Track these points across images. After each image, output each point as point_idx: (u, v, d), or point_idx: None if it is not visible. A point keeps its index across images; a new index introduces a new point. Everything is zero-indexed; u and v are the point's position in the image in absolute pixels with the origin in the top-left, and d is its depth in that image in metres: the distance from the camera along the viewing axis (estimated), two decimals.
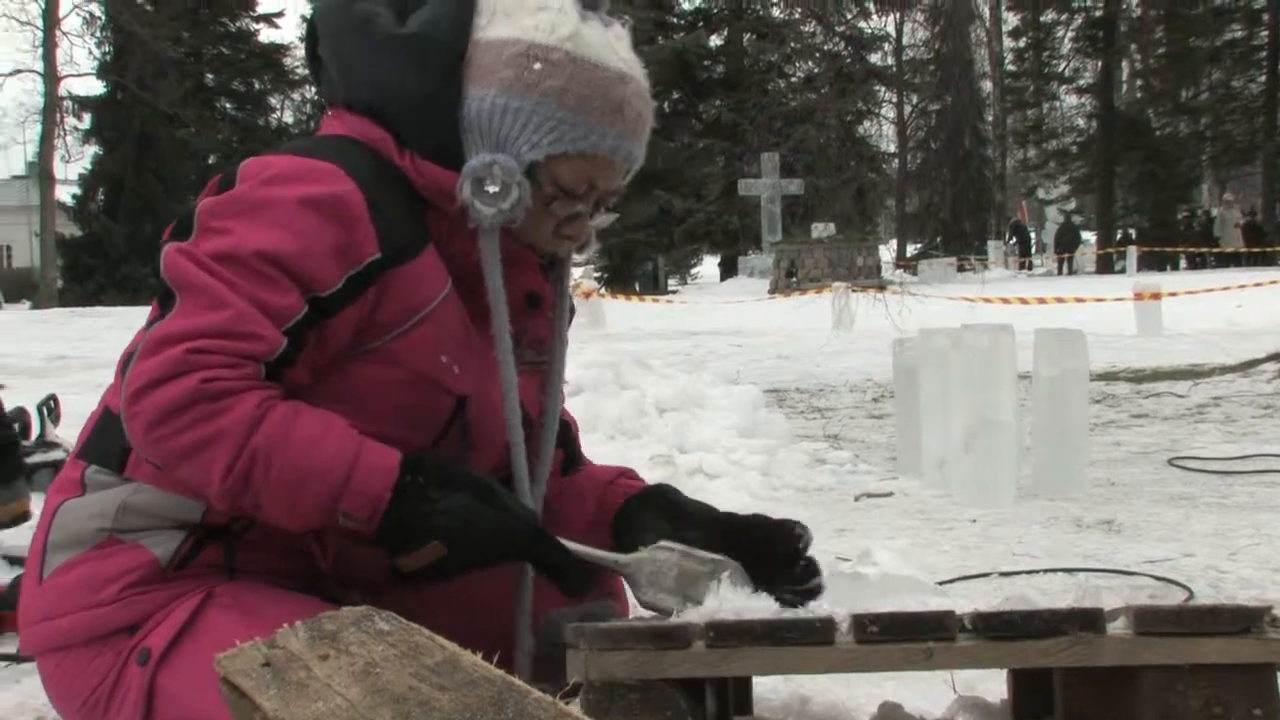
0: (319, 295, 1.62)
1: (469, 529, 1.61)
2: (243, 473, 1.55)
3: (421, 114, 1.74)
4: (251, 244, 1.60)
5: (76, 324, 20.79)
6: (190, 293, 1.59)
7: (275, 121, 48.23)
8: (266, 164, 1.69)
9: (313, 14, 1.89)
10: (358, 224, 1.65)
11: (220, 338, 1.56)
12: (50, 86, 39.00)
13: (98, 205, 42.49)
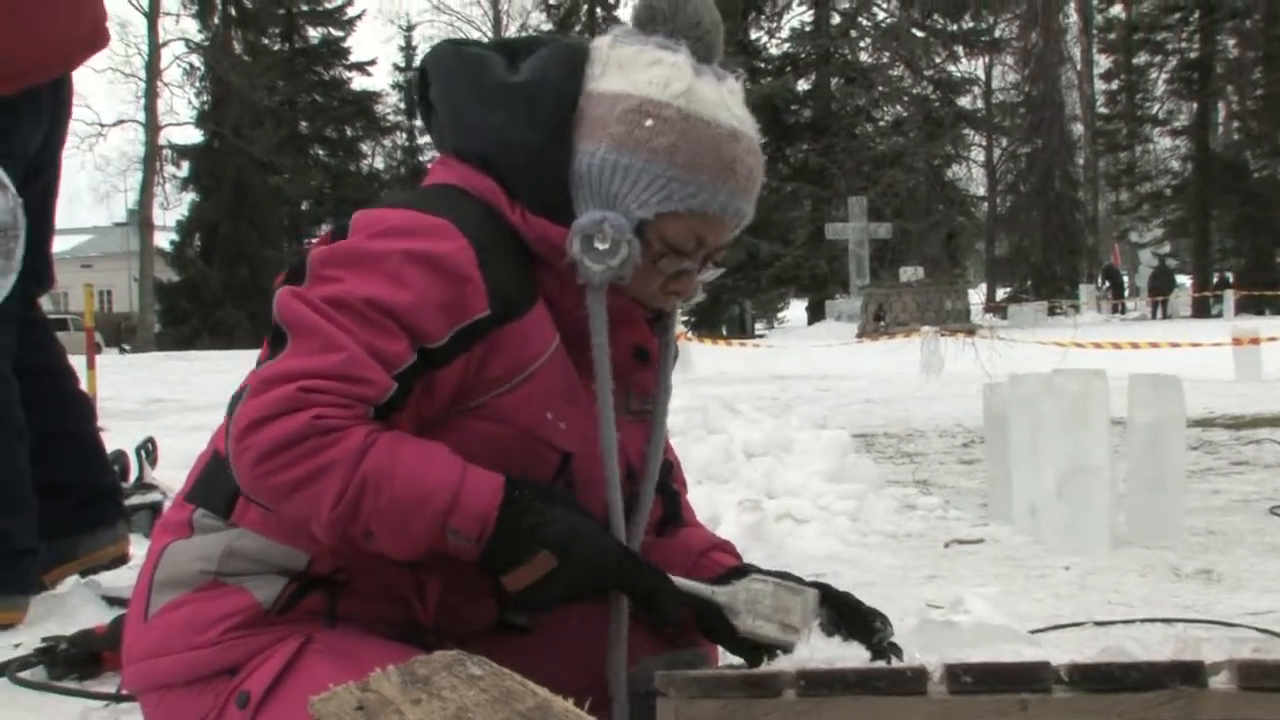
0: (427, 347, 1.63)
1: (576, 541, 1.62)
2: (353, 500, 1.56)
3: (531, 166, 1.74)
4: (363, 292, 1.62)
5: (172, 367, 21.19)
6: (303, 334, 1.61)
7: (366, 167, 48.99)
8: (380, 217, 1.70)
9: (424, 59, 1.89)
10: (467, 282, 1.65)
11: (332, 379, 1.58)
12: (151, 136, 39.98)
13: (194, 251, 43.38)
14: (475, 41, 1.91)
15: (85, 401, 3.32)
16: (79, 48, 3.00)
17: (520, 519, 1.60)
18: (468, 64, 1.82)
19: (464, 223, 1.69)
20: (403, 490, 1.57)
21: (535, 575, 1.61)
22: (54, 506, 3.06)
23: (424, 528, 1.59)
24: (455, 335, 1.65)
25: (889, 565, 4.28)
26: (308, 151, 47.88)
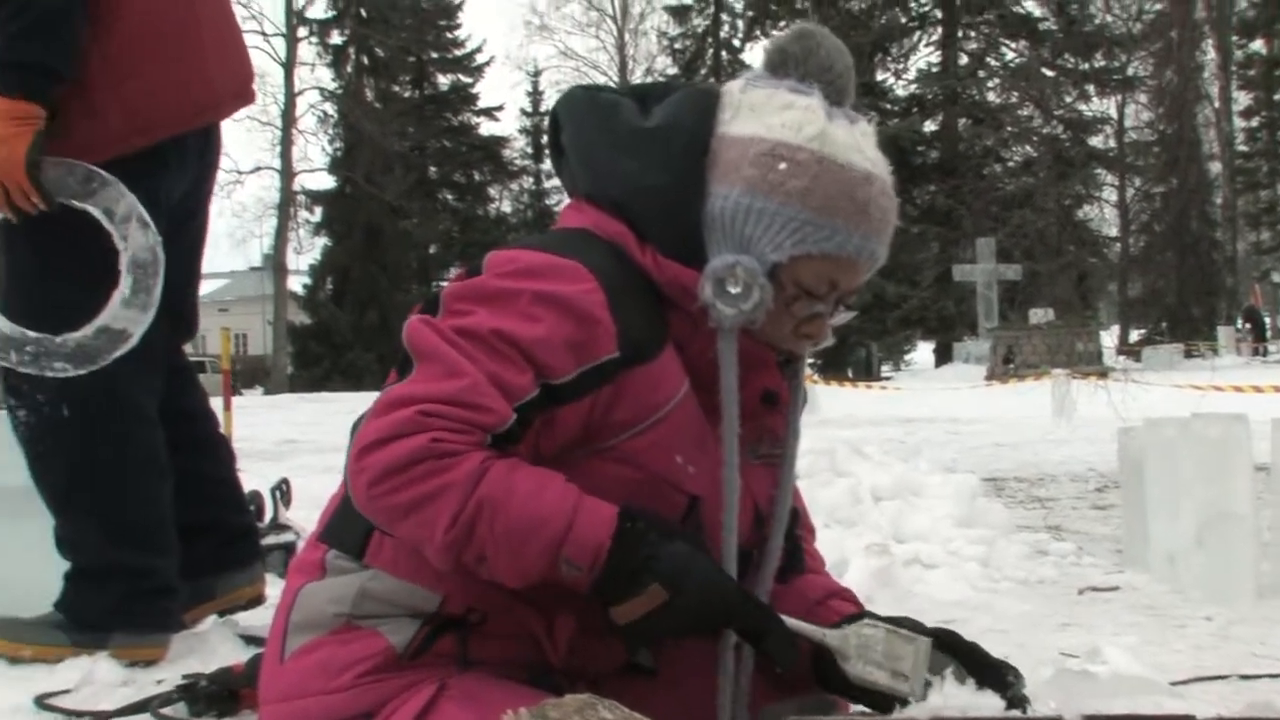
0: (551, 382, 1.64)
1: (689, 574, 1.60)
2: (467, 524, 1.57)
3: (663, 210, 1.75)
4: (491, 324, 1.63)
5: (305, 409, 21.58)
6: (428, 360, 1.63)
7: (494, 211, 49.65)
8: (513, 257, 1.72)
9: (557, 104, 1.91)
10: (597, 324, 1.66)
11: (452, 404, 1.59)
12: (286, 182, 41.01)
13: (326, 294, 44.28)
14: (607, 87, 1.93)
15: (225, 445, 3.39)
16: (226, 99, 3.08)
17: (633, 551, 1.59)
18: (600, 109, 1.84)
19: (595, 265, 1.70)
20: (517, 516, 1.57)
21: (646, 608, 1.60)
22: (195, 547, 3.12)
23: (537, 555, 1.59)
24: (582, 374, 1.65)
25: (1021, 612, 4.19)
26: (436, 196, 48.67)
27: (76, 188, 2.78)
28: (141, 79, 2.84)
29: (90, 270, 2.84)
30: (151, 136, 2.86)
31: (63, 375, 2.82)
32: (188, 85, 2.93)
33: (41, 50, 2.71)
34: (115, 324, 2.82)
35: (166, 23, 2.88)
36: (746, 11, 46.28)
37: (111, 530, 2.93)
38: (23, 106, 2.70)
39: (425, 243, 47.19)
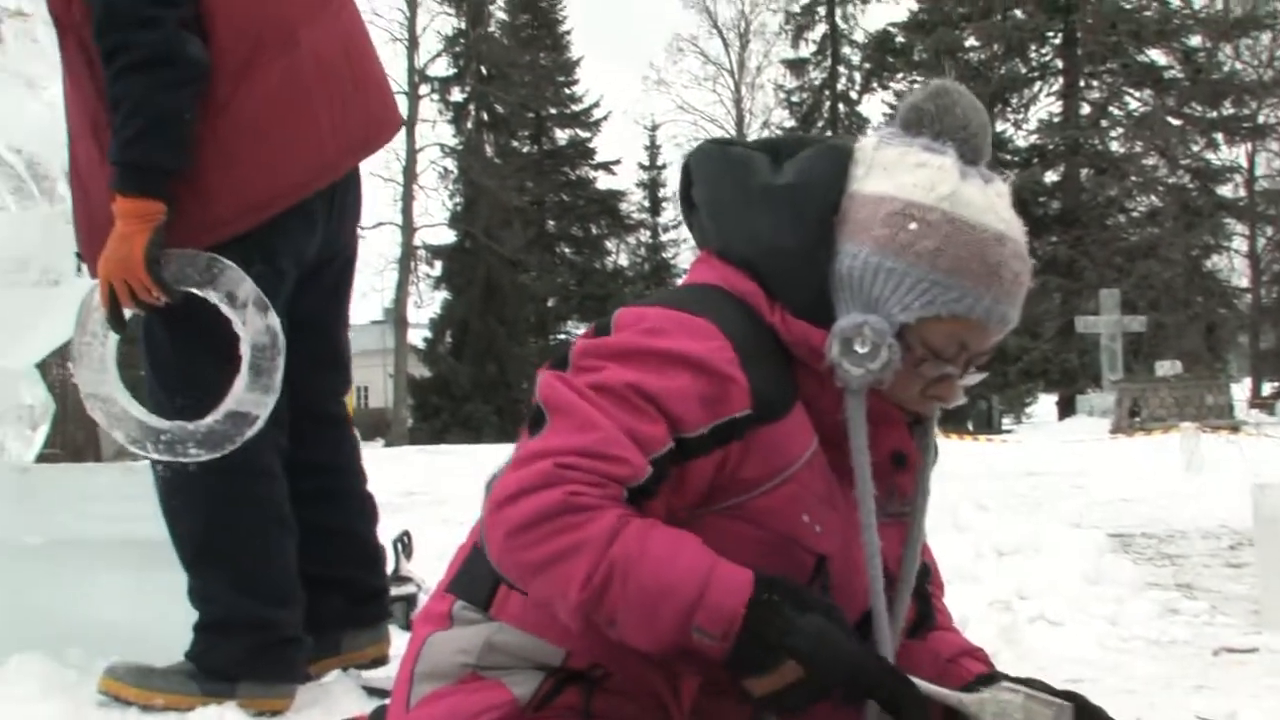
0: (684, 435, 1.64)
1: (825, 650, 1.57)
2: (600, 585, 1.56)
3: (793, 269, 1.75)
4: (624, 378, 1.64)
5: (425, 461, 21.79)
6: (561, 414, 1.64)
7: (611, 264, 49.98)
8: (643, 315, 1.73)
9: (688, 157, 1.92)
10: (729, 380, 1.66)
11: (588, 457, 1.59)
12: (407, 237, 41.75)
13: (445, 348, 44.85)
14: (740, 141, 1.94)
15: (369, 502, 3.40)
16: (351, 153, 3.11)
17: (768, 625, 1.57)
18: (732, 164, 1.84)
19: (725, 323, 1.70)
20: (651, 579, 1.56)
21: (780, 683, 1.59)
22: (325, 600, 3.16)
23: (669, 621, 1.57)
24: (714, 429, 1.65)
25: (1152, 673, 4.06)
26: (555, 250, 49.15)
27: (198, 277, 2.86)
28: (252, 161, 2.90)
29: (220, 354, 2.91)
30: (266, 213, 2.92)
31: (197, 460, 2.90)
32: (301, 159, 2.96)
33: (156, 150, 2.79)
34: (240, 408, 2.89)
35: (278, 105, 2.92)
36: (864, 64, 46.27)
37: (239, 583, 2.99)
38: (141, 204, 2.79)
39: (543, 296, 47.64)
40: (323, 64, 3.02)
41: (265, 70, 2.90)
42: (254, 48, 2.89)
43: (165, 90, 2.77)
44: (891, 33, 43.95)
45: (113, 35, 2.77)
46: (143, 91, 2.75)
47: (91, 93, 2.90)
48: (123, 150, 2.78)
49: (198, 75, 2.80)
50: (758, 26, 49.24)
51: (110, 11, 2.76)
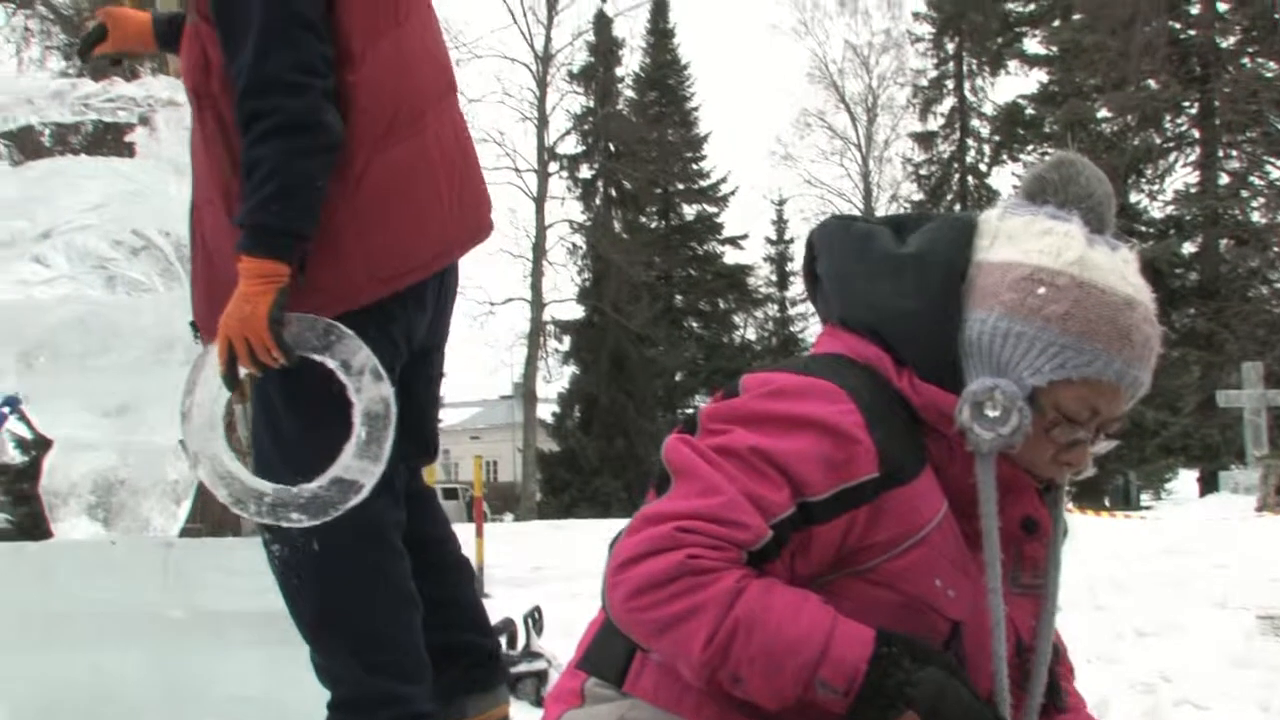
0: (808, 499, 1.64)
1: (944, 703, 1.59)
2: (723, 643, 1.58)
3: (920, 334, 1.76)
4: (748, 441, 1.66)
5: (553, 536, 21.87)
6: (685, 477, 1.66)
7: (738, 339, 49.95)
8: (769, 379, 1.75)
9: (812, 232, 1.96)
10: (856, 443, 1.66)
11: (709, 521, 1.60)
12: (536, 312, 42.19)
13: (574, 422, 45.09)
14: (863, 217, 1.96)
15: (468, 567, 3.46)
16: (464, 241, 3.19)
17: (889, 677, 1.58)
18: (855, 238, 1.86)
19: (851, 387, 1.71)
20: (774, 636, 1.57)
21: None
22: (445, 671, 3.18)
23: (792, 676, 1.58)
24: (839, 493, 1.65)
25: None
26: (682, 324, 49.27)
27: (316, 342, 2.89)
28: (385, 231, 2.96)
29: (330, 422, 2.93)
30: (392, 285, 2.98)
31: (298, 525, 2.91)
32: (427, 235, 3.03)
33: (288, 213, 2.84)
34: (348, 475, 2.90)
35: (409, 177, 2.99)
36: (993, 137, 45.91)
37: (367, 661, 3.00)
38: (268, 266, 2.83)
39: (671, 370, 47.72)
40: (444, 149, 3.10)
41: (398, 147, 2.98)
42: (390, 124, 2.97)
43: (301, 156, 2.83)
44: (1021, 105, 43.62)
45: (256, 100, 2.84)
46: (280, 155, 2.82)
47: (225, 162, 2.97)
48: (254, 212, 2.84)
49: (333, 144, 2.87)
50: (885, 101, 49.17)
51: (257, 77, 2.84)
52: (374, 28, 2.96)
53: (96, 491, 3.97)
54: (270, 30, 2.84)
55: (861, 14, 49.69)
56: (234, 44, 2.88)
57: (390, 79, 2.99)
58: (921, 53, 47.47)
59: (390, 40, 3.00)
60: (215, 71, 2.96)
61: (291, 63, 2.83)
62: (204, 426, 2.99)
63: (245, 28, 2.86)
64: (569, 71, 45.46)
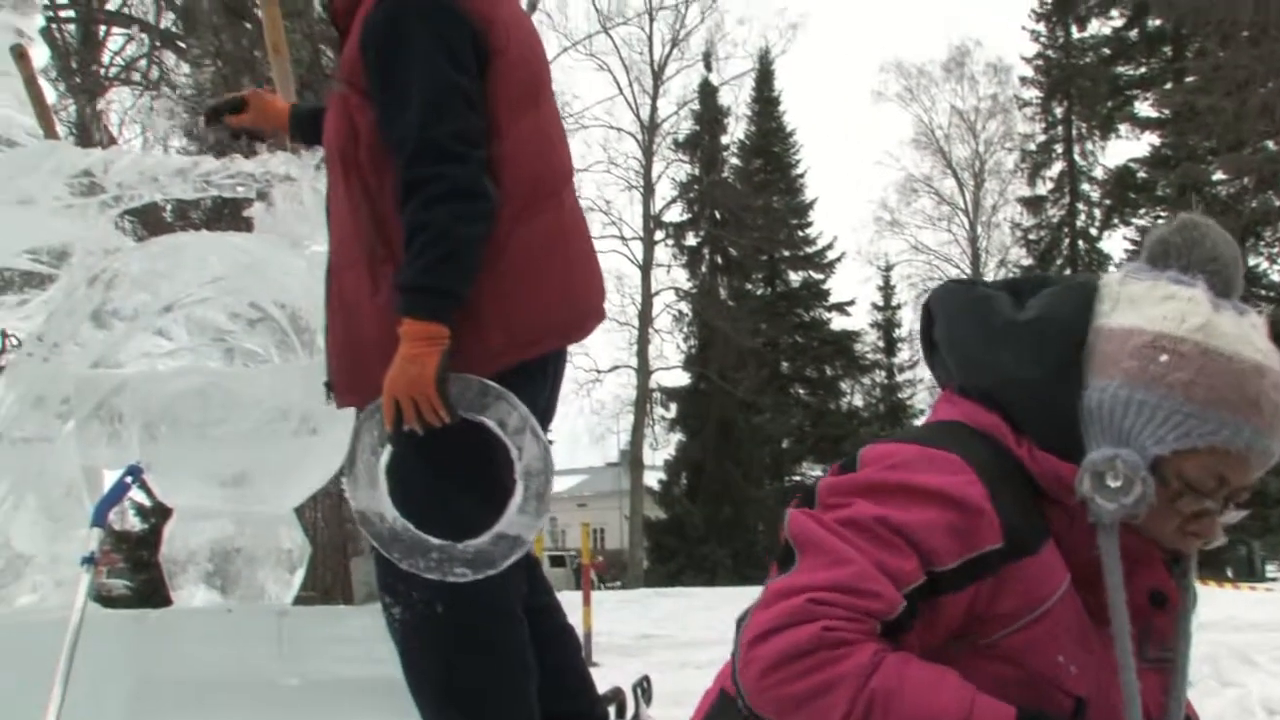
0: (936, 570, 1.63)
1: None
2: (861, 718, 1.55)
3: (1040, 402, 1.73)
4: (873, 512, 1.64)
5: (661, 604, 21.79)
6: (812, 551, 1.64)
7: (846, 406, 49.57)
8: (890, 451, 1.73)
9: (929, 297, 1.94)
10: (979, 514, 1.64)
11: (841, 592, 1.59)
12: (642, 380, 42.33)
13: (680, 489, 44.98)
14: (981, 281, 1.95)
15: (574, 636, 3.47)
16: (591, 317, 3.26)
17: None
18: (974, 302, 1.84)
19: (972, 457, 1.69)
20: (912, 712, 1.55)
21: None
22: None
23: None
24: (965, 564, 1.63)
25: None
26: (789, 391, 49.01)
27: (474, 401, 2.96)
28: (524, 299, 3.04)
29: (486, 479, 3.01)
30: (528, 352, 3.05)
31: (463, 580, 2.96)
32: (563, 304, 3.12)
33: (452, 277, 2.93)
34: (510, 530, 2.96)
35: (547, 249, 3.09)
36: (1104, 200, 45.30)
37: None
38: (432, 328, 2.91)
39: (778, 437, 47.45)
40: (575, 225, 3.21)
41: (538, 219, 3.07)
42: (531, 196, 3.07)
43: (465, 221, 2.92)
44: (1133, 169, 43.03)
45: (420, 166, 2.93)
46: (445, 221, 2.91)
47: (370, 226, 3.06)
48: (419, 275, 2.92)
49: (492, 212, 2.97)
50: (993, 165, 48.84)
51: (422, 145, 2.93)
52: (516, 105, 3.07)
53: (214, 559, 4.03)
54: (433, 101, 2.94)
55: (968, 80, 49.14)
56: (394, 113, 2.99)
57: (530, 154, 3.08)
58: (1029, 117, 47.10)
59: (529, 119, 3.10)
60: (362, 140, 3.06)
61: (454, 132, 2.93)
62: (368, 485, 3.05)
63: (407, 97, 2.96)
64: (674, 140, 45.88)
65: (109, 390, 3.90)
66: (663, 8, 42.68)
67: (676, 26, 43.62)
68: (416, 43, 2.97)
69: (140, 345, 4.18)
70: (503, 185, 3.00)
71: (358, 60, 3.06)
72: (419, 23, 2.98)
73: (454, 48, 2.97)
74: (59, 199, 4.07)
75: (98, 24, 27.04)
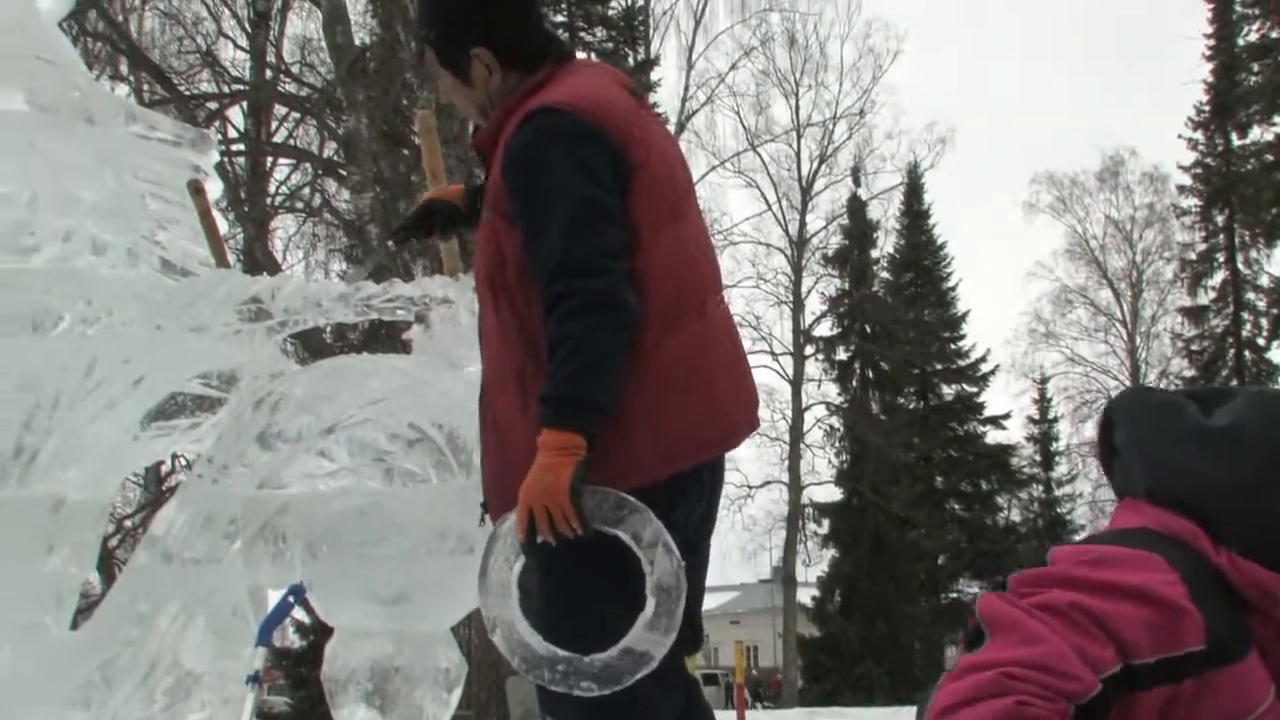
0: (1133, 662, 1.59)
1: None
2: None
3: (1239, 510, 1.70)
4: (1070, 598, 1.62)
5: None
6: (1004, 630, 1.62)
7: (1003, 520, 48.45)
8: (1085, 550, 1.72)
9: (1111, 403, 1.93)
10: (1183, 614, 1.61)
11: (1036, 670, 1.57)
12: (794, 495, 41.96)
13: (834, 606, 44.22)
14: (1161, 389, 1.93)
15: None
16: (741, 429, 3.26)
17: None
18: (1161, 408, 1.83)
19: (1173, 558, 1.66)
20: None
21: None
22: None
23: None
24: (1163, 661, 1.61)
25: None
26: (944, 506, 48.07)
27: (609, 514, 2.96)
28: (673, 410, 3.05)
29: (617, 593, 2.99)
30: (676, 465, 3.05)
31: (587, 695, 2.94)
32: (712, 417, 3.12)
33: (591, 387, 2.96)
34: (639, 646, 2.94)
35: (694, 360, 3.11)
36: (1271, 309, 44.00)
37: None
38: (569, 438, 2.93)
39: (933, 553, 46.47)
40: (722, 336, 3.22)
41: (685, 329, 3.10)
42: (677, 307, 3.10)
43: (605, 332, 2.96)
44: None
45: (562, 282, 2.99)
46: (584, 332, 2.95)
47: (519, 346, 3.12)
48: (558, 386, 2.96)
49: (633, 322, 3.00)
50: (1151, 275, 47.89)
51: (563, 263, 2.99)
52: (658, 220, 3.11)
53: (373, 678, 4.08)
54: (573, 219, 3.01)
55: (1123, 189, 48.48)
56: (537, 235, 3.06)
57: (672, 267, 3.12)
58: (1188, 226, 46.09)
59: (671, 233, 3.14)
60: (510, 264, 3.13)
61: (595, 249, 2.99)
62: (500, 593, 3.06)
63: (549, 220, 3.03)
64: (823, 255, 45.86)
65: (273, 511, 4.01)
66: (810, 124, 42.96)
67: (824, 143, 43.82)
68: (556, 164, 3.04)
69: (303, 466, 4.29)
70: (647, 298, 3.04)
71: (502, 187, 3.14)
72: (558, 144, 3.05)
73: (593, 165, 3.04)
74: (229, 325, 4.22)
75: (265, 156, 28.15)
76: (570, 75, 3.23)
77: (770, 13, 38.31)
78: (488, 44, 3.26)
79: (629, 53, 31.27)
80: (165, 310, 4.07)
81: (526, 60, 3.25)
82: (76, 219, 4.33)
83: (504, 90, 3.26)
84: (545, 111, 3.09)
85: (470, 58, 3.28)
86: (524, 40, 3.27)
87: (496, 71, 3.26)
